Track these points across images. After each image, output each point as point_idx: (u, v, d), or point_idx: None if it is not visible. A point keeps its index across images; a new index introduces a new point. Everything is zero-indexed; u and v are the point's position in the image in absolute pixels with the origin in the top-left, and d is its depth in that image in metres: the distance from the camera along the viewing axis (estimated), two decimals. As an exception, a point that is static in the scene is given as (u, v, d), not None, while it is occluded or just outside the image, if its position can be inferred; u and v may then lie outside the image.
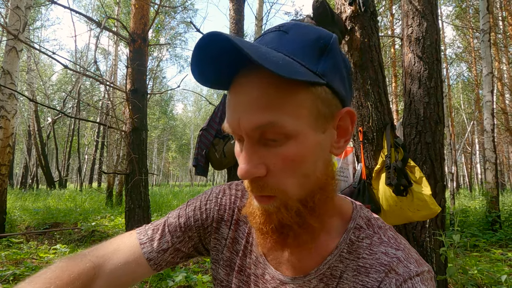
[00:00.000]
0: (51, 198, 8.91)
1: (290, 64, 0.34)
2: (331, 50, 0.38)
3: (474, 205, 7.94)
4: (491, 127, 5.19)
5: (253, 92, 0.35)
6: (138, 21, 3.69)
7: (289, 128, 0.35)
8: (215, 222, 0.52)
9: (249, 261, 0.48)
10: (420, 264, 0.40)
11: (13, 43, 4.51)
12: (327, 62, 0.37)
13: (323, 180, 0.39)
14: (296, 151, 0.35)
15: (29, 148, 15.32)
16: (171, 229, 0.51)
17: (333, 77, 0.38)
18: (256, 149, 0.36)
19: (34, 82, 12.50)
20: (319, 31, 0.39)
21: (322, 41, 0.38)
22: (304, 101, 0.35)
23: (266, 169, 0.36)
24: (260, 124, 0.35)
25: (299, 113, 0.35)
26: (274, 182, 0.36)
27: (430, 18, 2.13)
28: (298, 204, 0.37)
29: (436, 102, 2.05)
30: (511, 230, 4.78)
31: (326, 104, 0.37)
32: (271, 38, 0.38)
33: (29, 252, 3.55)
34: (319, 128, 0.37)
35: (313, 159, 0.37)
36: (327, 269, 0.42)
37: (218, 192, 0.54)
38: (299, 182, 0.37)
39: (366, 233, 0.43)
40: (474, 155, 17.80)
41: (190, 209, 0.53)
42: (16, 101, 4.71)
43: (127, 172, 3.54)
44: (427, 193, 1.61)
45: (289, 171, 0.36)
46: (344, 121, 0.40)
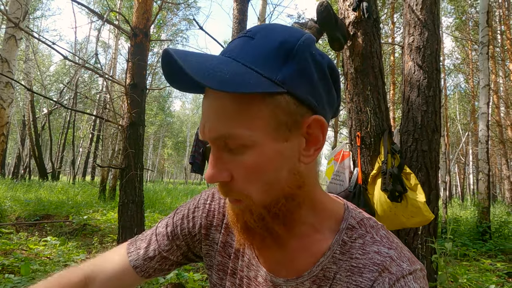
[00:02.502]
0: (43, 190, 8.80)
1: (240, 77, 0.34)
2: (296, 55, 0.36)
3: (466, 215, 8.03)
4: (486, 139, 5.26)
5: (214, 103, 0.37)
6: (140, 16, 3.67)
7: (244, 139, 0.35)
8: (203, 229, 0.52)
9: (242, 263, 0.48)
10: (413, 262, 0.40)
11: (13, 31, 4.46)
12: (291, 68, 0.36)
13: (289, 189, 0.38)
14: (254, 160, 0.36)
15: (23, 138, 15.14)
16: (159, 238, 0.53)
17: (297, 84, 0.36)
18: (221, 156, 0.37)
19: (32, 72, 12.37)
20: (286, 34, 0.37)
21: (286, 46, 0.36)
22: (259, 112, 0.35)
23: (230, 175, 0.37)
24: (218, 136, 0.36)
25: (254, 124, 0.35)
26: (238, 188, 0.38)
27: (431, 28, 2.16)
28: (261, 209, 0.38)
29: (434, 111, 2.08)
30: (500, 241, 4.84)
31: (287, 113, 0.36)
32: (235, 46, 0.38)
33: (19, 243, 3.51)
34: (280, 137, 0.36)
35: (274, 167, 0.37)
36: (320, 270, 0.42)
37: (207, 198, 0.54)
38: (262, 189, 0.37)
39: (359, 233, 0.43)
40: (468, 166, 18.01)
41: (178, 217, 0.54)
42: (12, 90, 4.65)
43: (122, 166, 3.51)
44: (422, 200, 1.63)
45: (251, 178, 0.37)
46: (313, 129, 0.38)
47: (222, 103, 0.36)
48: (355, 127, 1.97)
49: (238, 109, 0.35)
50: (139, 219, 3.49)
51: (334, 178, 1.98)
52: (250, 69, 0.35)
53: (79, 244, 3.92)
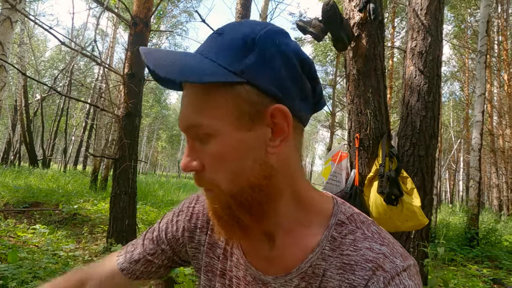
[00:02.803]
0: (33, 177, 8.66)
1: (196, 68, 0.36)
2: (258, 45, 0.37)
3: (455, 220, 8.17)
4: (479, 147, 5.33)
5: (185, 95, 0.40)
6: (142, 5, 3.61)
7: (208, 129, 0.37)
8: (187, 232, 0.52)
9: (230, 264, 0.48)
10: (406, 258, 0.40)
11: (9, 13, 4.34)
12: (252, 58, 0.36)
13: (254, 179, 0.38)
14: (218, 149, 0.37)
15: (14, 124, 14.84)
16: (145, 242, 0.55)
17: (258, 74, 0.36)
18: (193, 146, 0.39)
19: (26, 57, 12.10)
20: (250, 27, 0.39)
21: (248, 37, 0.37)
22: (221, 101, 0.37)
23: (202, 165, 0.39)
24: (187, 125, 0.39)
25: (216, 113, 0.37)
26: (208, 177, 0.39)
27: (434, 34, 2.16)
28: (228, 198, 0.39)
29: (432, 117, 2.09)
30: (487, 248, 4.93)
31: (248, 103, 0.37)
32: (205, 43, 0.40)
33: (7, 230, 3.45)
34: (243, 127, 0.37)
35: (238, 156, 0.38)
36: (309, 267, 0.41)
37: (192, 201, 0.55)
38: (228, 177, 0.38)
39: (349, 229, 0.42)
40: (458, 172, 18.30)
41: (164, 222, 0.55)
42: (5, 73, 4.54)
43: (116, 157, 3.47)
44: (417, 205, 1.64)
45: (217, 167, 0.38)
46: (277, 119, 0.38)
47: (191, 94, 0.38)
48: (354, 128, 1.96)
49: (203, 99, 0.37)
50: (131, 211, 3.46)
51: (331, 179, 1.98)
52: (211, 61, 0.36)
53: (69, 234, 3.87)
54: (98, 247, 3.36)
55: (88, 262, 2.84)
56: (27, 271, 2.21)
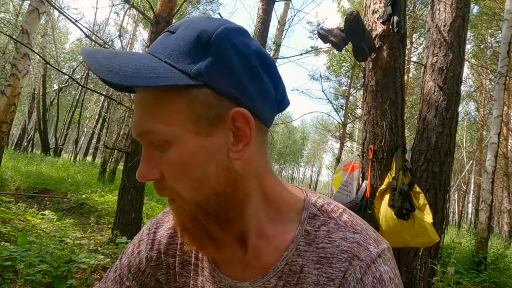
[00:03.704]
0: (44, 164, 8.85)
1: (148, 71, 0.33)
2: (213, 45, 0.34)
3: (463, 243, 7.96)
4: (493, 169, 5.21)
5: (137, 99, 0.37)
6: (165, 4, 3.70)
7: (165, 135, 0.35)
8: (151, 261, 0.49)
9: (202, 279, 0.46)
10: (379, 242, 0.40)
11: (37, 4, 4.50)
12: (208, 59, 0.34)
13: (219, 186, 0.36)
14: (177, 156, 0.35)
15: (30, 111, 15.25)
16: (108, 285, 0.50)
17: (215, 76, 0.34)
18: (150, 153, 0.37)
19: (47, 47, 12.47)
20: (205, 25, 0.36)
21: (203, 37, 0.35)
22: (175, 106, 0.34)
23: (161, 173, 0.37)
24: (140, 131, 0.36)
25: (172, 118, 0.34)
26: (169, 186, 0.37)
27: (456, 51, 2.15)
28: (193, 208, 0.37)
29: (449, 134, 2.07)
30: (495, 274, 4.78)
31: (206, 106, 0.34)
32: (156, 42, 0.38)
33: (17, 213, 3.53)
34: (202, 132, 0.35)
35: (199, 163, 0.35)
36: (285, 265, 0.40)
37: (151, 227, 0.52)
38: (190, 186, 0.36)
39: (321, 220, 0.41)
40: (468, 194, 17.87)
41: (125, 257, 0.52)
42: (29, 61, 4.69)
43: (128, 150, 3.52)
44: (429, 221, 1.62)
45: (178, 175, 0.36)
46: (239, 123, 0.36)
47: (143, 98, 0.36)
48: (369, 139, 1.96)
49: (155, 104, 0.35)
50: (138, 205, 3.49)
51: (342, 188, 1.97)
52: (164, 63, 0.34)
53: (76, 222, 3.93)
54: (103, 238, 3.40)
55: (93, 251, 2.87)
56: (35, 255, 2.25)
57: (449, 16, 2.17)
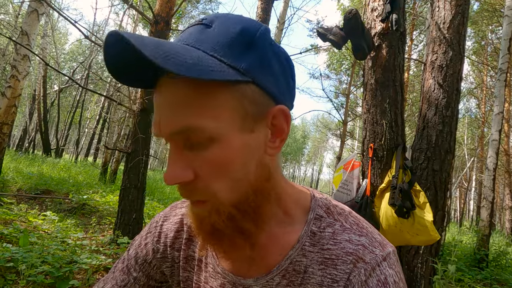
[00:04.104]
0: (45, 165, 8.87)
1: (203, 63, 0.31)
2: (257, 44, 0.35)
3: (464, 240, 7.95)
4: (494, 166, 5.20)
5: (171, 93, 0.33)
6: (164, 4, 3.69)
7: (210, 132, 0.33)
8: (158, 254, 0.50)
9: (206, 274, 0.46)
10: (384, 246, 0.40)
11: (36, 5, 4.51)
12: (253, 57, 0.35)
13: (257, 183, 0.37)
14: (221, 154, 0.34)
15: (31, 112, 15.27)
16: (116, 275, 0.51)
17: (261, 73, 0.35)
18: (181, 153, 0.35)
19: (47, 48, 12.48)
20: (244, 23, 0.36)
21: (247, 34, 0.35)
22: (226, 101, 0.33)
23: (193, 174, 0.34)
24: (178, 129, 0.33)
25: (221, 114, 0.33)
26: (203, 187, 0.35)
27: (456, 48, 2.14)
28: (230, 208, 0.36)
29: (449, 131, 2.06)
30: (497, 271, 4.78)
31: (253, 103, 0.35)
32: (190, 34, 0.35)
33: (19, 215, 3.54)
34: (246, 129, 0.35)
35: (242, 161, 0.35)
36: (289, 264, 0.40)
37: (159, 220, 0.52)
38: (229, 185, 0.35)
39: (327, 222, 0.41)
40: (469, 192, 17.84)
41: (133, 249, 0.52)
42: (29, 62, 4.70)
43: (129, 151, 3.53)
44: (429, 219, 1.62)
45: (217, 175, 0.34)
46: (278, 120, 0.37)
47: (185, 94, 0.33)
48: (368, 138, 1.95)
49: (202, 98, 0.33)
50: (139, 205, 3.50)
51: (342, 187, 1.97)
52: (211, 56, 0.33)
53: (77, 223, 3.94)
54: (105, 238, 3.41)
55: (94, 252, 2.88)
56: (37, 256, 2.26)
57: (449, 13, 2.16)
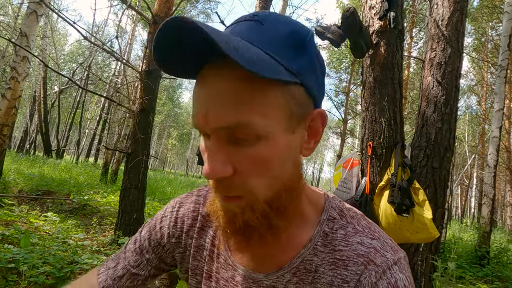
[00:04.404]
0: (46, 166, 8.89)
1: (266, 61, 0.32)
2: (307, 47, 0.36)
3: (465, 237, 7.95)
4: (494, 163, 5.19)
5: (223, 86, 0.33)
6: (163, 4, 3.69)
7: (259, 129, 0.33)
8: (173, 238, 0.50)
9: (217, 265, 0.47)
10: (396, 251, 0.40)
11: (35, 6, 4.51)
12: (303, 59, 0.36)
13: (290, 182, 0.38)
14: (266, 152, 0.34)
15: (32, 114, 15.30)
16: (128, 255, 0.51)
17: (308, 76, 0.36)
18: (224, 147, 0.34)
19: (47, 49, 12.48)
20: (295, 25, 0.37)
21: (298, 36, 0.36)
22: (277, 100, 0.34)
23: (233, 169, 0.34)
24: (229, 124, 0.33)
25: (270, 113, 0.33)
26: (240, 183, 0.35)
27: (455, 45, 2.13)
28: (264, 205, 0.36)
29: (448, 129, 2.06)
30: (498, 268, 4.78)
31: (299, 104, 0.36)
32: (244, 29, 0.35)
33: (20, 216, 3.55)
34: (290, 129, 0.36)
35: (282, 160, 0.36)
36: (301, 262, 0.41)
37: (175, 205, 0.53)
38: (267, 183, 0.35)
39: (340, 224, 0.42)
40: (471, 189, 17.82)
41: (146, 230, 0.53)
42: (28, 64, 4.71)
43: (129, 151, 3.53)
44: (428, 217, 1.62)
45: (257, 171, 0.35)
46: (315, 122, 0.39)
47: (238, 88, 0.32)
48: (367, 136, 1.95)
49: (256, 95, 0.32)
50: (140, 205, 3.51)
51: (341, 185, 1.97)
52: (267, 54, 0.33)
53: (78, 223, 3.96)
54: (106, 239, 3.42)
55: (95, 252, 2.89)
56: (38, 257, 2.27)
57: (447, 11, 2.15)
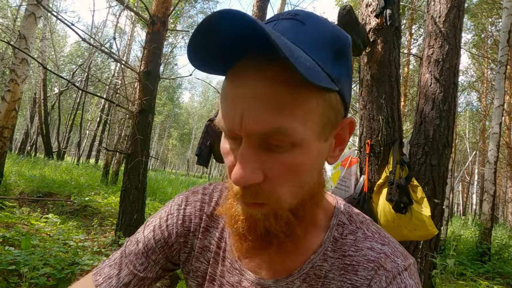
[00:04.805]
0: (47, 168, 8.92)
1: (314, 67, 0.31)
2: (347, 54, 0.36)
3: (466, 234, 7.95)
4: (495, 159, 5.18)
5: (262, 88, 0.31)
6: (160, 5, 3.69)
7: (297, 136, 0.32)
8: (181, 237, 0.48)
9: (222, 268, 0.45)
10: (406, 257, 0.40)
11: (33, 9, 4.51)
12: (342, 66, 0.35)
13: (315, 189, 0.37)
14: (298, 160, 0.33)
15: (32, 116, 15.33)
16: (131, 258, 0.47)
17: (345, 84, 0.35)
18: (256, 153, 0.33)
19: (46, 51, 12.50)
20: (336, 30, 0.36)
21: (339, 42, 0.35)
22: (316, 107, 0.32)
23: (263, 176, 0.33)
24: (268, 129, 0.31)
25: (309, 119, 0.32)
26: (268, 190, 0.34)
27: (452, 42, 2.13)
28: (288, 213, 0.36)
29: (447, 126, 2.05)
30: (499, 264, 4.78)
31: (335, 112, 0.35)
32: (287, 28, 0.33)
33: (21, 218, 3.56)
34: (323, 137, 0.35)
35: (312, 168, 0.35)
36: (310, 268, 0.40)
37: (180, 203, 0.50)
38: (294, 191, 0.35)
39: (350, 229, 0.42)
40: (472, 185, 17.79)
41: (149, 230, 0.49)
42: (27, 66, 4.71)
43: (128, 152, 3.54)
44: (427, 214, 1.62)
45: (287, 179, 0.34)
46: (344, 131, 0.38)
47: (278, 92, 0.30)
48: (365, 134, 1.95)
49: (296, 100, 0.31)
50: (140, 206, 3.52)
51: (340, 184, 1.97)
52: (311, 59, 0.32)
53: (79, 224, 3.97)
54: (106, 239, 3.43)
55: (96, 253, 2.90)
56: (39, 258, 2.28)
57: (444, 7, 2.15)
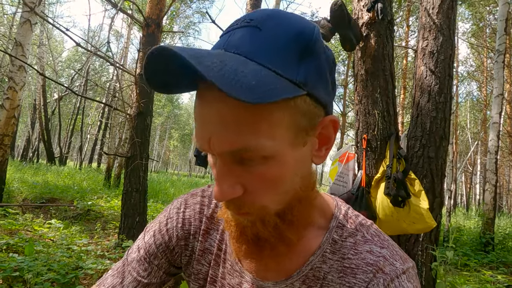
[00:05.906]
0: (50, 174, 8.96)
1: (267, 83, 0.28)
2: (313, 50, 0.32)
3: (470, 224, 7.94)
4: (495, 149, 5.16)
5: (223, 111, 0.30)
6: (154, 6, 3.69)
7: (267, 150, 0.31)
8: (182, 240, 0.48)
9: (223, 270, 0.46)
10: (405, 260, 0.40)
11: (28, 15, 4.52)
12: (309, 66, 0.32)
13: (302, 192, 0.37)
14: (276, 171, 0.33)
15: (33, 122, 15.39)
16: (134, 266, 0.47)
17: (316, 83, 0.33)
18: (231, 169, 0.33)
19: (44, 57, 12.52)
20: (298, 25, 0.33)
21: (302, 39, 0.32)
22: (281, 119, 0.31)
23: (243, 188, 0.34)
24: (233, 150, 0.31)
25: (276, 133, 0.31)
26: (251, 200, 0.34)
27: (446, 33, 2.12)
28: (275, 218, 0.36)
29: (443, 118, 2.05)
30: (503, 253, 4.77)
31: (307, 116, 0.33)
32: (241, 38, 0.32)
33: (24, 224, 3.59)
34: (299, 143, 0.34)
35: (291, 175, 0.34)
36: (310, 270, 0.40)
37: (180, 206, 0.50)
38: (278, 198, 0.35)
39: (349, 232, 0.42)
40: (475, 175, 17.75)
41: (150, 235, 0.49)
42: (25, 73, 4.73)
43: (128, 155, 3.55)
44: (425, 207, 1.62)
45: (267, 190, 0.34)
46: (326, 129, 0.36)
47: (238, 113, 0.30)
48: (362, 129, 1.95)
49: (259, 117, 0.30)
50: (142, 208, 3.54)
51: (338, 179, 1.97)
52: (267, 70, 0.30)
53: (82, 229, 4.00)
54: (110, 243, 3.46)
55: (100, 257, 2.92)
56: (42, 264, 2.30)
57: (437, -2, 2.13)
